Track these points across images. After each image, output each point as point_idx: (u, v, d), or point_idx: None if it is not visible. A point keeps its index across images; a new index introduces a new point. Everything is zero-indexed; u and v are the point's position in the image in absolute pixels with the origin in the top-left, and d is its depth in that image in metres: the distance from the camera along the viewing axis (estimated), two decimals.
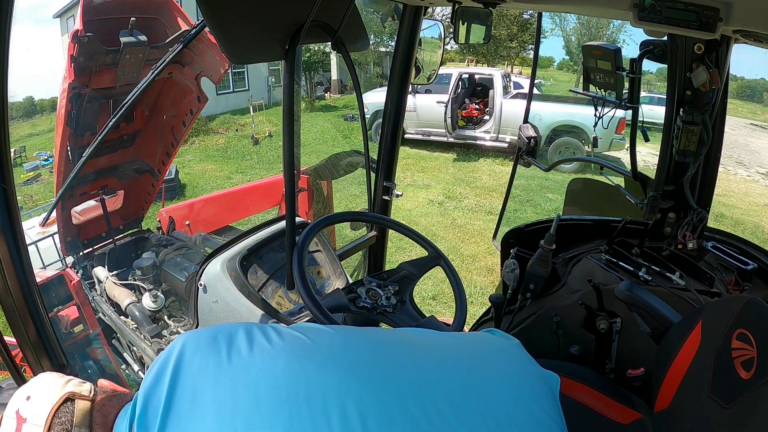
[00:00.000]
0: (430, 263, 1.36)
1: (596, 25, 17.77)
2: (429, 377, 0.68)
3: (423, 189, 7.69)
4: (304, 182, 3.13)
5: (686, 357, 1.15)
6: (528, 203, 7.02)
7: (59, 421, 0.70)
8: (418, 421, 0.61)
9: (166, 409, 0.60)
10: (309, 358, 0.67)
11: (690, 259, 1.66)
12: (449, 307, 4.12)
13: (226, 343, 0.66)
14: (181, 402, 0.60)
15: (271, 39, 1.14)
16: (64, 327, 2.94)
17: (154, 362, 0.67)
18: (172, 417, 0.59)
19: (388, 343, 0.74)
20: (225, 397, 0.60)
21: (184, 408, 0.60)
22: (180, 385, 0.61)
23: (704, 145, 1.61)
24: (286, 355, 0.66)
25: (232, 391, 0.61)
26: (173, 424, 0.59)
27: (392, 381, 0.65)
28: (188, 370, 0.63)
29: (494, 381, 0.71)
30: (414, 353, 0.73)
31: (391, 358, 0.71)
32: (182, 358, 0.64)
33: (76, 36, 2.36)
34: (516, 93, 9.85)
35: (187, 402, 0.60)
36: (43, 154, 10.28)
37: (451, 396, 0.66)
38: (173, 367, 0.63)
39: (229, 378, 0.62)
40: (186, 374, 0.62)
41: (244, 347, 0.66)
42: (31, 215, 5.58)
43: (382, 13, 2.98)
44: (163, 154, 3.33)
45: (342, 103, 15.89)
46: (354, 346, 0.72)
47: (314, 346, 0.69)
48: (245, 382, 0.62)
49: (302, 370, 0.64)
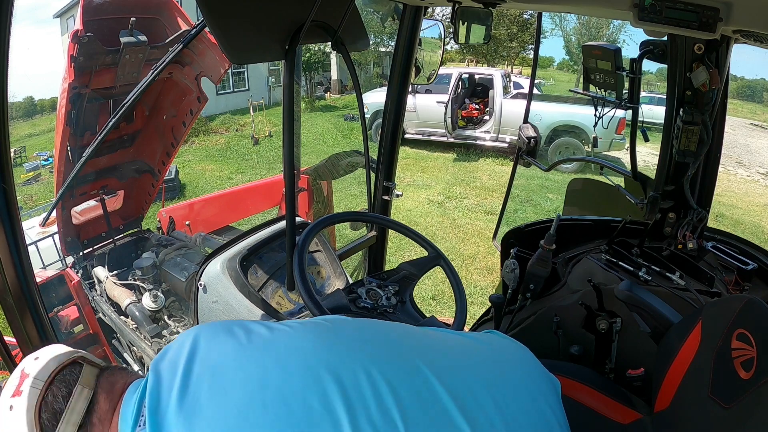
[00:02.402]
0: (430, 263, 1.36)
1: (596, 25, 17.77)
2: (446, 365, 0.70)
3: (423, 189, 7.69)
4: (304, 182, 3.13)
5: (686, 357, 1.15)
6: (528, 203, 7.02)
7: (62, 378, 0.69)
8: (444, 403, 0.63)
9: (183, 388, 0.61)
10: (336, 336, 0.70)
11: (690, 259, 1.66)
12: (449, 307, 4.12)
13: (243, 330, 0.68)
14: (199, 383, 0.61)
15: (271, 39, 1.14)
16: (64, 327, 2.94)
17: (166, 350, 0.68)
18: (188, 396, 0.60)
19: (407, 331, 0.77)
20: (251, 372, 0.62)
21: (202, 388, 0.61)
22: (196, 368, 0.63)
23: (704, 145, 1.61)
24: (313, 335, 0.69)
25: (259, 366, 0.62)
26: (190, 402, 0.60)
27: (417, 363, 0.67)
28: (205, 355, 0.64)
29: (511, 377, 0.73)
30: (432, 343, 0.76)
31: (414, 343, 0.74)
32: (197, 345, 0.66)
33: (76, 36, 2.36)
34: (516, 93, 9.85)
35: (205, 382, 0.61)
36: (43, 154, 10.29)
37: (471, 385, 0.68)
38: (188, 353, 0.64)
39: (253, 355, 0.64)
40: (203, 358, 0.64)
41: (264, 331, 0.68)
42: (31, 215, 5.59)
43: (382, 13, 2.97)
44: (163, 154, 3.33)
45: (342, 103, 15.89)
46: (373, 328, 0.76)
47: (337, 328, 0.72)
48: (273, 357, 0.64)
49: (332, 348, 0.66)
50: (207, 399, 0.60)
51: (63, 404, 0.66)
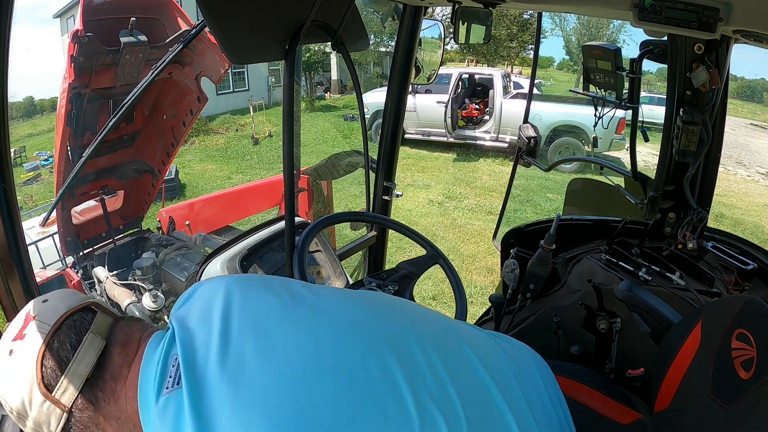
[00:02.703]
0: (429, 261, 1.36)
1: (596, 25, 17.76)
2: (481, 347, 0.71)
3: (423, 189, 7.69)
4: (304, 182, 3.13)
5: (686, 357, 1.15)
6: (528, 203, 7.01)
7: (72, 323, 0.60)
8: (487, 385, 0.64)
9: (223, 344, 0.55)
10: (384, 308, 0.69)
11: (690, 259, 1.66)
12: (449, 307, 4.11)
13: (285, 289, 0.65)
14: (242, 339, 0.56)
15: (271, 39, 1.14)
16: None
17: (189, 298, 0.64)
18: (230, 354, 0.54)
19: (437, 313, 0.78)
20: (303, 335, 0.58)
21: (246, 345, 0.56)
22: (235, 322, 0.58)
23: (704, 145, 1.61)
24: (362, 305, 0.67)
25: (311, 330, 0.59)
26: (233, 360, 0.54)
27: (461, 343, 0.68)
28: (243, 308, 0.60)
29: (527, 368, 0.75)
30: (462, 326, 0.78)
31: (452, 324, 0.75)
32: (232, 296, 0.61)
33: (76, 36, 2.36)
34: (516, 93, 9.85)
35: (250, 339, 0.56)
36: (43, 154, 10.28)
37: (504, 371, 0.69)
38: (223, 304, 0.59)
39: (302, 318, 0.61)
40: (241, 311, 0.59)
41: (308, 294, 0.65)
42: (31, 215, 5.58)
43: (382, 13, 2.97)
44: (163, 154, 3.33)
45: (342, 103, 15.89)
46: (411, 305, 0.76)
47: (381, 301, 0.73)
48: (326, 324, 0.61)
49: (384, 319, 0.65)
50: (253, 359, 0.54)
51: (70, 353, 0.57)
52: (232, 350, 0.55)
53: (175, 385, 0.53)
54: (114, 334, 0.61)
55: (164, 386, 0.54)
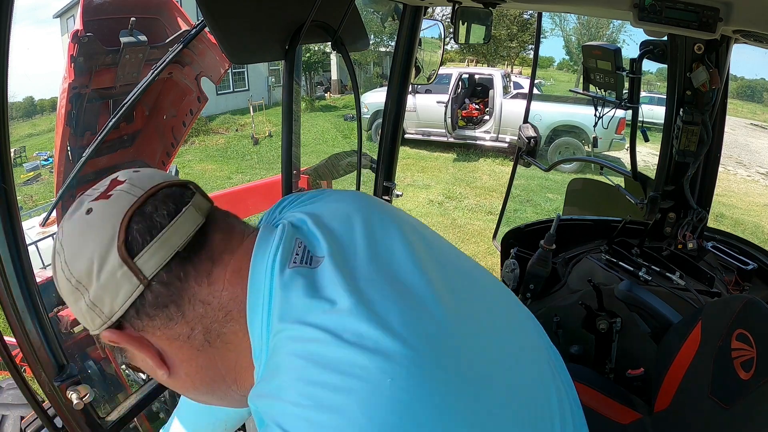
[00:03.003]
0: None
1: (596, 25, 17.78)
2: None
3: (423, 189, 7.69)
4: (304, 182, 3.12)
5: (686, 357, 1.15)
6: (528, 203, 7.02)
7: (169, 192, 0.51)
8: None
9: (371, 244, 0.52)
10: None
11: (690, 259, 1.66)
12: None
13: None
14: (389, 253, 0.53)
15: (271, 39, 1.14)
16: (64, 327, 2.94)
17: (323, 200, 0.63)
18: (381, 254, 0.52)
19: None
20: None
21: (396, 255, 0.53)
22: (379, 235, 0.55)
23: (704, 145, 1.61)
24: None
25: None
26: (384, 261, 0.51)
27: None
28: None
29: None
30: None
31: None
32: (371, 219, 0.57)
33: (76, 36, 2.36)
34: (516, 93, 9.85)
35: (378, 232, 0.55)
36: (43, 154, 10.29)
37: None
38: (363, 220, 0.56)
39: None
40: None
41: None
42: (31, 215, 5.57)
43: (382, 13, 2.97)
44: (163, 154, 3.33)
45: (342, 103, 15.89)
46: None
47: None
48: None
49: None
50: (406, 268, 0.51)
51: (166, 219, 0.49)
52: (381, 252, 0.51)
53: (304, 263, 0.49)
54: (215, 218, 0.54)
55: (289, 262, 0.49)
